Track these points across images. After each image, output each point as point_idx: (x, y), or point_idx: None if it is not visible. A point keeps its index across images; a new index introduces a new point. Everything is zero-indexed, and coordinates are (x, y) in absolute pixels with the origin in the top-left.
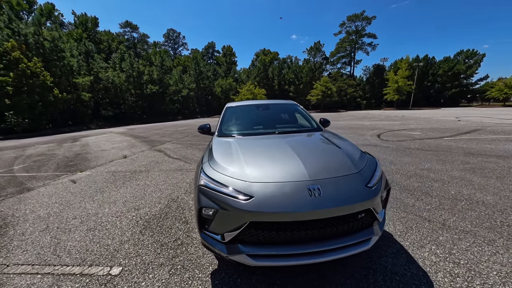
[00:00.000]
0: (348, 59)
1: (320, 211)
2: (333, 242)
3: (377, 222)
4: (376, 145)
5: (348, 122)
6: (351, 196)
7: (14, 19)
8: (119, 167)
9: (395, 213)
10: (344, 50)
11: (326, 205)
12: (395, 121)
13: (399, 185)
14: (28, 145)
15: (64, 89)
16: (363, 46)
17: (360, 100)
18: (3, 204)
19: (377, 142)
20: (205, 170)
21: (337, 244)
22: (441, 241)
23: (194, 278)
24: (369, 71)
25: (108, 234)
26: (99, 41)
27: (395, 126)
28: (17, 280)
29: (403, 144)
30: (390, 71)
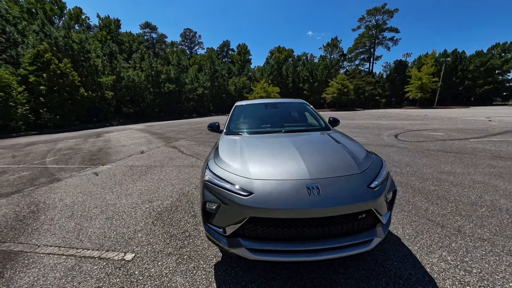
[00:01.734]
0: (367, 55)
1: (319, 210)
2: (332, 241)
3: (380, 224)
4: (392, 146)
5: (365, 121)
6: (352, 196)
7: (47, 23)
8: (136, 162)
9: (405, 217)
10: (363, 46)
11: (325, 204)
12: (416, 120)
13: (413, 188)
14: (58, 139)
15: (90, 88)
16: (383, 41)
17: (379, 98)
18: (37, 192)
19: (394, 142)
20: (210, 166)
21: (337, 244)
22: (454, 248)
23: (198, 268)
24: (390, 68)
25: (124, 223)
26: (121, 42)
27: (416, 126)
28: (45, 259)
29: (422, 145)
30: (413, 67)
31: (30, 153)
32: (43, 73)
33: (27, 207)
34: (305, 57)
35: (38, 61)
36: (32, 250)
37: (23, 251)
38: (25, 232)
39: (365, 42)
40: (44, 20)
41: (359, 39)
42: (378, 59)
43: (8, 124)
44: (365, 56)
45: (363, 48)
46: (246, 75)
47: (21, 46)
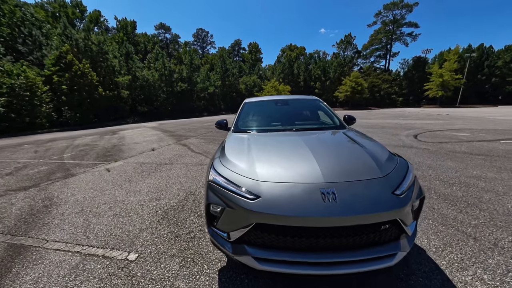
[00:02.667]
0: (383, 51)
1: (335, 219)
2: (349, 253)
3: (405, 236)
4: (411, 147)
5: (380, 120)
6: (374, 203)
7: (68, 26)
8: (147, 159)
9: (430, 226)
10: (379, 42)
11: (341, 213)
12: (437, 120)
13: (437, 193)
14: (77, 136)
15: (107, 87)
16: (401, 37)
17: (396, 97)
18: (52, 187)
19: (413, 143)
20: (215, 165)
21: (354, 257)
22: (491, 265)
23: (202, 273)
24: (408, 65)
25: (130, 220)
26: (136, 43)
27: (437, 126)
28: (52, 255)
29: (445, 146)
30: (434, 64)
31: (50, 149)
32: (65, 74)
33: (41, 201)
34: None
35: (60, 62)
36: (40, 245)
37: (32, 245)
38: (36, 226)
39: (381, 38)
40: (66, 23)
41: (375, 35)
42: (395, 55)
43: (34, 121)
44: (381, 53)
45: (379, 44)
46: (256, 73)
47: (45, 48)
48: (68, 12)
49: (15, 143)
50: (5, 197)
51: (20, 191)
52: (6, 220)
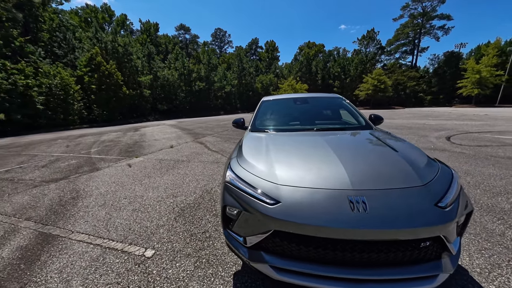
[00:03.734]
0: (410, 47)
1: (365, 231)
2: (382, 271)
3: (448, 254)
4: (443, 150)
5: (406, 120)
6: (413, 216)
7: (99, 30)
8: (165, 156)
9: (473, 242)
10: (406, 36)
11: (373, 225)
12: (473, 121)
13: (479, 204)
14: (103, 132)
15: (131, 86)
16: (431, 31)
17: (423, 95)
18: (79, 180)
19: (446, 146)
20: (232, 166)
21: (387, 275)
22: None
23: (216, 275)
24: (438, 60)
25: (148, 216)
26: (158, 44)
27: (473, 127)
28: (76, 246)
29: (486, 150)
30: (470, 59)
31: (80, 144)
32: (94, 74)
33: (69, 193)
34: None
35: (91, 63)
36: (66, 236)
37: (59, 235)
38: (64, 217)
39: (408, 33)
40: (97, 27)
41: (401, 29)
42: (423, 51)
43: (67, 118)
44: (408, 49)
45: (406, 39)
46: (273, 72)
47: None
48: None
49: (51, 138)
50: (40, 188)
51: (52, 183)
52: (39, 209)
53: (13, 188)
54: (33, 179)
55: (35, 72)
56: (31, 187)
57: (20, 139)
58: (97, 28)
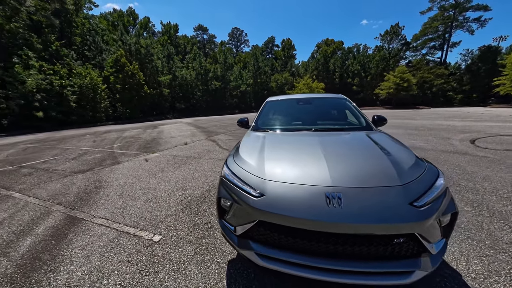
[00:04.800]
0: (439, 42)
1: (338, 225)
2: (358, 264)
3: (428, 254)
4: (465, 153)
5: (428, 121)
6: (385, 213)
7: (124, 33)
8: (179, 152)
9: (473, 248)
10: (434, 31)
11: (346, 219)
12: (508, 122)
13: (491, 211)
14: (125, 129)
15: (151, 86)
16: (464, 24)
17: (453, 94)
18: (102, 172)
19: (469, 149)
20: (228, 162)
21: (363, 268)
22: None
23: (213, 261)
24: (472, 56)
25: (158, 206)
26: (177, 44)
27: (506, 130)
28: (96, 228)
29: None
30: (511, 54)
31: (105, 139)
32: (119, 74)
33: (93, 183)
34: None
35: (116, 64)
36: (89, 219)
37: (83, 219)
38: (88, 203)
39: (438, 27)
40: (122, 31)
41: (430, 23)
42: (454, 46)
43: (95, 115)
44: (437, 44)
45: (434, 33)
46: (289, 71)
47: (104, 53)
48: (124, 20)
49: (80, 133)
50: (69, 178)
51: (79, 173)
52: (68, 196)
53: (48, 177)
54: (64, 170)
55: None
56: (62, 177)
57: (54, 134)
58: (122, 31)
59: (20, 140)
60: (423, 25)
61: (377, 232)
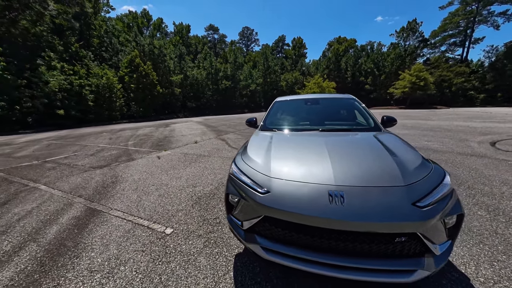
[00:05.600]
0: (460, 38)
1: (340, 222)
2: (360, 261)
3: (432, 255)
4: (483, 156)
5: (446, 122)
6: (386, 212)
7: (138, 34)
8: (190, 150)
9: (485, 253)
10: (455, 26)
11: (347, 217)
12: None
13: (507, 217)
14: (139, 127)
15: (164, 85)
16: (489, 18)
17: (474, 93)
18: (118, 167)
19: (488, 152)
20: (236, 160)
21: (365, 265)
22: None
23: (221, 254)
24: (497, 53)
25: (170, 201)
26: (189, 44)
27: None
28: (114, 220)
29: None
30: None
31: (120, 137)
32: (134, 74)
33: (110, 178)
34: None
35: (131, 65)
36: (107, 211)
37: (102, 211)
38: (105, 196)
39: (459, 22)
40: (136, 32)
41: (450, 18)
42: (477, 42)
43: (111, 114)
44: (457, 40)
45: (455, 29)
46: (299, 70)
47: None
48: (139, 22)
49: (97, 131)
50: (88, 172)
51: (97, 169)
52: (88, 189)
53: (69, 172)
54: (83, 165)
55: (86, 73)
56: (82, 171)
57: (74, 131)
58: (136, 32)
59: (43, 137)
60: (443, 21)
61: (378, 230)
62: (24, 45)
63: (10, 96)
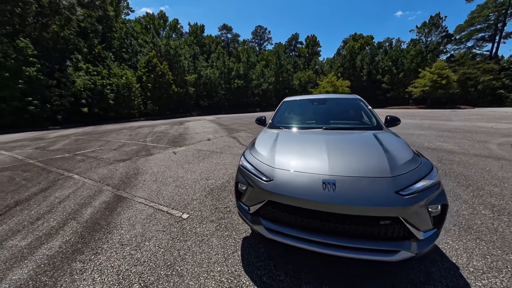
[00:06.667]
0: (490, 32)
1: (332, 205)
2: (350, 241)
3: (416, 239)
4: (500, 158)
5: (467, 123)
6: (371, 198)
7: (155, 35)
8: (203, 147)
9: (480, 247)
10: (484, 20)
11: (338, 201)
12: None
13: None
14: (156, 125)
15: (178, 84)
16: None
17: (505, 92)
18: (138, 161)
19: (507, 154)
20: (245, 153)
21: (354, 244)
22: None
23: (230, 236)
24: None
25: (186, 192)
26: (203, 44)
27: None
28: (137, 205)
29: None
30: None
31: (139, 134)
32: (151, 74)
33: (132, 170)
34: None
35: (148, 65)
36: (131, 198)
37: (127, 197)
38: (129, 185)
39: (488, 15)
40: (154, 33)
41: (479, 11)
42: (509, 36)
43: (130, 112)
44: (486, 35)
45: (484, 23)
46: (312, 68)
47: (138, 54)
48: (155, 23)
49: (118, 128)
50: (113, 165)
51: (121, 162)
52: (114, 179)
53: (97, 164)
54: (108, 158)
55: (108, 73)
56: (107, 164)
57: (97, 128)
58: (154, 34)
59: (71, 132)
60: (470, 14)
61: (364, 213)
62: (54, 48)
63: (43, 95)
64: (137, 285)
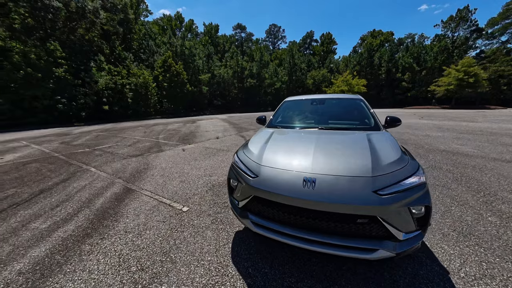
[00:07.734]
0: None
1: (309, 202)
2: (330, 237)
3: (396, 240)
4: None
5: (493, 124)
6: (349, 197)
7: (172, 36)
8: (211, 145)
9: (477, 253)
10: None
11: (316, 198)
12: None
13: None
14: (169, 123)
15: (192, 84)
16: None
17: None
18: (149, 157)
19: None
20: (237, 152)
21: (333, 240)
22: None
23: (224, 230)
24: None
25: (189, 187)
26: (217, 44)
27: None
28: (143, 197)
29: None
30: None
31: (152, 131)
32: (167, 74)
33: (142, 165)
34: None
35: (164, 64)
36: (139, 190)
37: (135, 190)
38: (138, 179)
39: None
40: (170, 34)
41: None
42: None
43: (146, 110)
44: None
45: None
46: (327, 67)
47: (155, 54)
48: (172, 24)
49: (135, 125)
50: (126, 160)
51: (133, 157)
52: (125, 173)
53: (112, 158)
54: (123, 154)
55: (127, 73)
56: (121, 159)
57: (116, 125)
58: (170, 35)
59: (92, 129)
60: (505, 6)
61: (341, 211)
62: (80, 50)
63: (69, 94)
64: (134, 268)
